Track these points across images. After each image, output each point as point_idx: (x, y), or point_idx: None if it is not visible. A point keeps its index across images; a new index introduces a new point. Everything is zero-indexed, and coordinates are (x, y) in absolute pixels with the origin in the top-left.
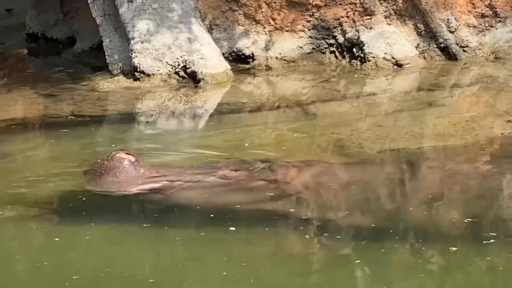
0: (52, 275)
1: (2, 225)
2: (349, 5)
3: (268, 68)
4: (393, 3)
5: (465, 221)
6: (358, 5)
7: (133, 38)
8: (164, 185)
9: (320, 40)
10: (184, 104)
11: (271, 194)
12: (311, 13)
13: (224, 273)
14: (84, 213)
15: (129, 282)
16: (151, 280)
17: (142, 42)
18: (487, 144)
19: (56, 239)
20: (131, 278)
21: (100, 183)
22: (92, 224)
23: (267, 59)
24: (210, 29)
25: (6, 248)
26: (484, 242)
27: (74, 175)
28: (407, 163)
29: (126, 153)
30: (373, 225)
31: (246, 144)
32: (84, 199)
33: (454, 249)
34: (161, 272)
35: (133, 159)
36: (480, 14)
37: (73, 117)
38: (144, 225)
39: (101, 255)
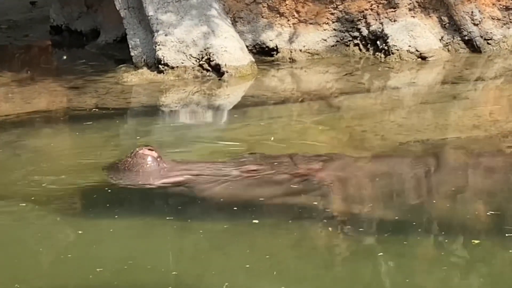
0: (76, 268)
1: (26, 218)
2: None
3: (292, 60)
4: None
5: (488, 213)
6: None
7: (157, 31)
8: (188, 179)
9: (344, 32)
10: (207, 96)
11: (295, 187)
12: (335, 6)
13: (247, 266)
14: (107, 205)
15: (152, 275)
16: (174, 273)
17: (166, 35)
18: (511, 136)
19: (80, 231)
20: (155, 270)
21: (123, 178)
22: (116, 216)
23: (291, 52)
24: (234, 22)
25: (30, 240)
26: (507, 235)
27: (98, 168)
28: (431, 155)
29: (149, 149)
30: (396, 218)
31: (272, 139)
32: (107, 192)
33: (476, 241)
34: (184, 264)
35: (156, 154)
36: (504, 7)
37: (97, 109)
38: (168, 217)
39: (125, 247)
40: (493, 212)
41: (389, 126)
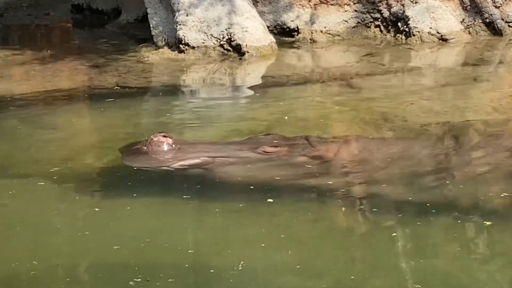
0: (93, 245)
1: (45, 196)
2: None
3: (313, 41)
4: None
5: (503, 195)
6: None
7: (178, 10)
8: (205, 160)
9: (365, 14)
10: (228, 76)
11: (312, 168)
12: None
13: (263, 244)
14: (126, 184)
15: (169, 253)
16: (190, 251)
17: (187, 15)
18: None
19: (97, 209)
20: (172, 249)
21: (141, 163)
22: (134, 195)
23: (311, 33)
24: (255, 2)
25: (49, 218)
26: None
27: (118, 147)
28: (450, 137)
29: (164, 136)
30: (410, 199)
31: (286, 118)
32: (126, 171)
33: (488, 223)
34: (200, 243)
35: (171, 141)
36: None
37: (118, 88)
38: (184, 196)
39: (142, 226)
40: (508, 194)
41: (410, 108)
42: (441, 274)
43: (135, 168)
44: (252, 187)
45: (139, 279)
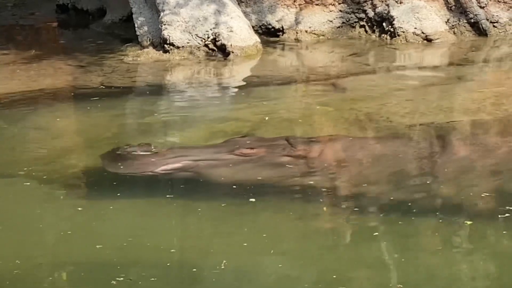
0: (76, 244)
1: (28, 195)
2: None
3: (298, 41)
4: None
5: (484, 195)
6: None
7: (163, 10)
8: (186, 164)
9: (350, 14)
10: (213, 76)
11: (294, 169)
12: None
13: (245, 244)
14: (108, 184)
15: (151, 252)
16: (172, 250)
17: (172, 14)
18: None
19: (80, 208)
20: (154, 248)
21: (122, 168)
22: (118, 194)
23: (296, 33)
24: (239, 2)
25: (32, 218)
26: (500, 216)
27: (102, 146)
28: (433, 137)
29: (145, 144)
30: (392, 198)
31: (267, 118)
32: (110, 171)
33: (469, 222)
34: (182, 243)
35: (152, 148)
36: None
37: (102, 87)
38: (167, 196)
39: (125, 225)
40: (488, 194)
41: (394, 108)
42: (423, 273)
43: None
44: (234, 186)
45: (122, 278)
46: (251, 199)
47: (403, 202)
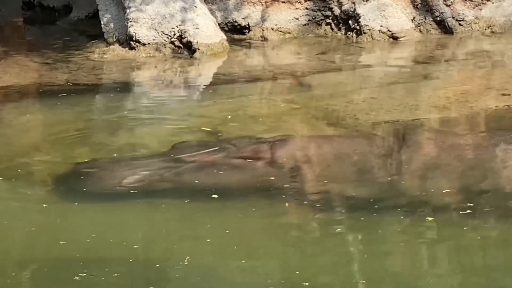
0: (40, 241)
1: None
2: None
3: (264, 39)
4: None
5: (447, 192)
6: None
7: (129, 7)
8: (142, 176)
9: (316, 12)
10: (179, 74)
11: (248, 169)
12: None
13: (208, 240)
14: (73, 180)
15: (115, 248)
16: (136, 247)
17: (138, 11)
18: (481, 116)
19: (44, 205)
20: (117, 244)
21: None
22: (83, 190)
23: (262, 30)
24: (205, 0)
25: None
26: (461, 212)
27: (66, 143)
28: (398, 134)
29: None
30: (354, 194)
31: (230, 116)
32: (75, 167)
33: (430, 219)
34: (146, 239)
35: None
36: None
37: (68, 85)
38: (131, 191)
39: (89, 221)
40: (450, 190)
41: (360, 106)
42: (385, 268)
43: (86, 163)
44: (197, 181)
45: (84, 274)
46: (213, 195)
47: (365, 199)
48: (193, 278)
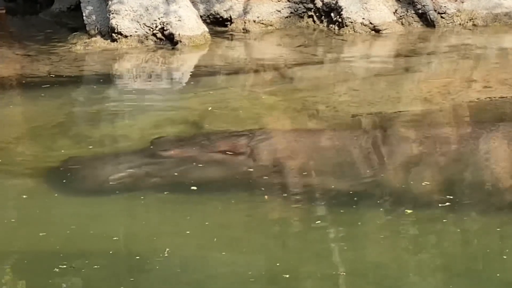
0: (20, 233)
1: None
2: None
3: (246, 31)
4: None
5: (427, 184)
6: None
7: None
8: (127, 173)
9: (298, 4)
10: (161, 65)
11: (227, 163)
12: None
13: (188, 232)
14: (54, 172)
15: (95, 240)
16: (115, 238)
17: (120, 3)
18: (462, 109)
19: (24, 196)
20: (98, 236)
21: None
22: (63, 181)
23: (244, 23)
24: None
25: None
26: (440, 205)
27: (48, 135)
28: (379, 127)
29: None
30: (333, 187)
31: (211, 108)
32: (56, 158)
33: (409, 211)
34: (126, 231)
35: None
36: None
37: (50, 76)
38: (111, 183)
39: (69, 213)
40: (430, 183)
41: (342, 98)
42: (365, 261)
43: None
44: (176, 174)
45: (64, 266)
46: (192, 187)
47: (345, 192)
48: (173, 270)
